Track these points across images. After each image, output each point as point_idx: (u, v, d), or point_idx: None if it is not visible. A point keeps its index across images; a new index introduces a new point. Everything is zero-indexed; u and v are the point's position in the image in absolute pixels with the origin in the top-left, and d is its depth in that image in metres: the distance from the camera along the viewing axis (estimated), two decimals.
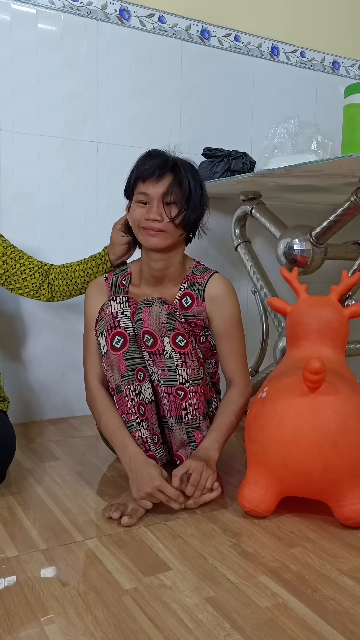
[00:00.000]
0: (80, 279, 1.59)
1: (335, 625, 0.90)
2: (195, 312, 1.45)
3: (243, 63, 2.30)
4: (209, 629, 0.89)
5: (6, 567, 1.06)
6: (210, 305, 1.45)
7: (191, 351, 1.36)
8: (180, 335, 1.34)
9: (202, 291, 1.45)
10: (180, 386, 1.35)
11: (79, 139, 2.00)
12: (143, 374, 1.36)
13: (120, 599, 0.96)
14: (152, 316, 1.33)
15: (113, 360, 1.35)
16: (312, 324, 1.36)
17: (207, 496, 1.29)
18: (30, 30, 1.89)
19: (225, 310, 1.45)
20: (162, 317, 1.33)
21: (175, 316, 1.36)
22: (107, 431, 1.36)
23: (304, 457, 1.17)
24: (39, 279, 1.60)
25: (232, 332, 1.46)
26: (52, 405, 2.04)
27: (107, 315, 1.37)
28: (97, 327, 1.38)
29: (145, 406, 1.36)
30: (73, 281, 1.60)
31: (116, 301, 1.38)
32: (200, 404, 1.39)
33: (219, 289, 1.46)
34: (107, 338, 1.35)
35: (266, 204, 2.08)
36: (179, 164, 1.38)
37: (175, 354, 1.34)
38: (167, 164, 1.37)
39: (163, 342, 1.33)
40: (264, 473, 1.24)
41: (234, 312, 1.46)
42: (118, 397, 1.35)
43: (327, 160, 1.53)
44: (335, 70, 2.53)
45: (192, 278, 1.48)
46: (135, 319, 1.36)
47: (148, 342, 1.34)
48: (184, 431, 1.38)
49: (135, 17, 2.05)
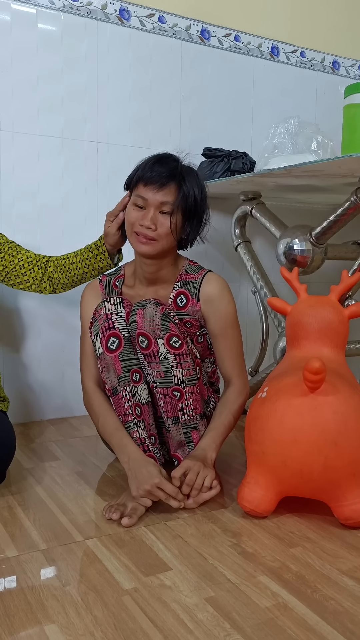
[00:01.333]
0: (79, 270, 1.58)
1: (335, 625, 0.90)
2: (191, 311, 1.44)
3: (243, 63, 2.30)
4: (209, 629, 0.89)
5: (6, 567, 1.06)
6: (205, 306, 1.44)
7: (186, 352, 1.36)
8: (175, 337, 1.34)
9: (197, 291, 1.44)
10: (176, 387, 1.35)
11: (79, 139, 2.00)
12: (139, 375, 1.36)
13: (120, 599, 0.96)
14: (146, 318, 1.33)
15: (109, 361, 1.35)
16: (312, 324, 1.36)
17: (206, 494, 1.29)
18: (30, 30, 1.89)
19: (221, 309, 1.44)
20: (156, 318, 1.33)
21: (170, 317, 1.35)
22: (105, 432, 1.36)
23: (304, 457, 1.17)
24: (39, 273, 1.59)
25: (229, 332, 1.46)
26: (52, 405, 2.04)
27: (102, 316, 1.36)
28: (92, 328, 1.38)
29: (141, 407, 1.36)
30: (72, 273, 1.59)
31: (110, 302, 1.37)
32: (197, 404, 1.39)
33: (214, 289, 1.44)
34: (102, 339, 1.35)
35: (266, 204, 2.08)
36: (185, 176, 1.36)
37: (170, 355, 1.33)
38: (173, 173, 1.34)
39: (157, 343, 1.32)
40: (264, 473, 1.24)
41: (229, 311, 1.45)
42: (115, 399, 1.35)
43: (327, 160, 1.53)
44: (335, 70, 2.53)
45: (186, 277, 1.47)
46: (130, 321, 1.35)
47: (142, 344, 1.33)
48: (181, 432, 1.38)
49: (135, 17, 2.05)
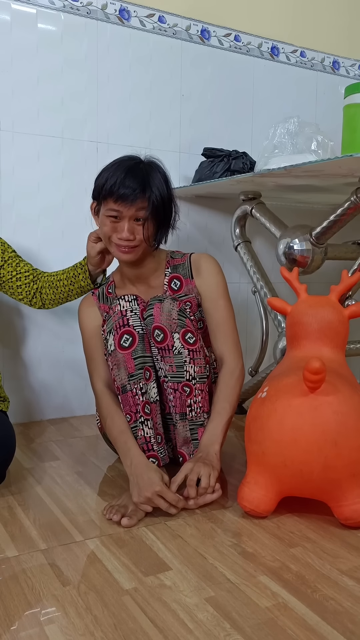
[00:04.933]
0: (65, 287, 1.61)
1: (335, 625, 0.90)
2: (187, 290, 1.48)
3: (243, 63, 2.30)
4: (209, 629, 0.89)
5: (6, 567, 1.06)
6: (198, 280, 1.49)
7: (199, 349, 1.38)
8: (190, 332, 1.36)
9: (189, 269, 1.50)
10: (186, 382, 1.36)
11: (79, 139, 2.00)
12: (149, 373, 1.37)
13: (120, 599, 0.96)
14: (164, 312, 1.35)
15: (120, 359, 1.35)
16: (312, 324, 1.36)
17: (208, 497, 1.29)
18: (30, 30, 1.89)
19: (210, 279, 1.49)
20: (173, 313, 1.35)
21: (186, 313, 1.38)
22: (111, 434, 1.37)
23: (304, 457, 1.17)
24: (33, 287, 1.63)
25: (220, 303, 1.48)
26: (52, 405, 2.04)
27: (116, 313, 1.37)
28: (105, 325, 1.39)
29: (150, 405, 1.36)
30: (59, 290, 1.62)
31: (125, 299, 1.38)
32: (205, 402, 1.40)
33: (202, 262, 1.51)
34: (115, 336, 1.35)
35: (266, 204, 2.08)
36: (151, 180, 1.37)
37: (184, 350, 1.35)
38: (143, 185, 1.35)
39: (173, 337, 1.34)
40: (264, 473, 1.24)
41: (219, 281, 1.50)
42: (123, 397, 1.36)
43: (327, 160, 1.53)
44: (335, 70, 2.53)
45: (173, 262, 1.52)
46: (146, 315, 1.37)
47: (158, 338, 1.35)
48: (188, 428, 1.39)
49: (135, 17, 2.05)
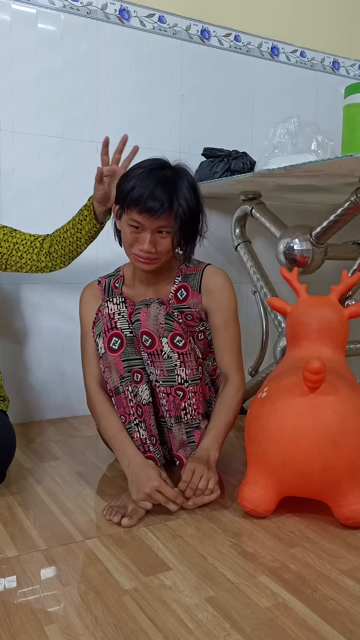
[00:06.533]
0: (73, 236, 1.56)
1: (335, 625, 0.90)
2: (191, 304, 1.46)
3: (243, 63, 2.30)
4: (209, 629, 0.89)
5: (6, 567, 1.06)
6: (207, 299, 1.45)
7: (189, 351, 1.36)
8: (179, 336, 1.34)
9: (199, 283, 1.46)
10: (179, 386, 1.35)
11: (79, 139, 2.00)
12: (140, 375, 1.36)
13: (120, 599, 0.96)
14: (150, 316, 1.33)
15: (111, 361, 1.35)
16: (312, 324, 1.36)
17: (207, 498, 1.29)
18: (30, 30, 1.89)
19: (223, 302, 1.45)
20: (160, 317, 1.33)
21: (174, 316, 1.36)
22: (106, 434, 1.36)
23: (304, 457, 1.17)
24: (34, 253, 1.58)
25: (230, 325, 1.46)
26: (52, 405, 2.04)
27: (104, 316, 1.36)
28: (94, 328, 1.38)
29: (142, 407, 1.36)
30: (67, 242, 1.57)
31: (113, 302, 1.37)
32: (199, 404, 1.39)
33: (216, 282, 1.46)
34: (104, 339, 1.35)
35: (266, 204, 2.08)
36: (179, 191, 1.32)
37: (173, 354, 1.34)
38: (170, 199, 1.30)
39: (161, 342, 1.33)
40: (264, 473, 1.24)
41: (231, 304, 1.46)
42: (116, 399, 1.35)
43: (327, 160, 1.53)
44: (335, 70, 2.53)
45: (186, 270, 1.49)
46: (133, 320, 1.35)
47: (146, 343, 1.34)
48: (184, 431, 1.38)
49: (135, 17, 2.05)
